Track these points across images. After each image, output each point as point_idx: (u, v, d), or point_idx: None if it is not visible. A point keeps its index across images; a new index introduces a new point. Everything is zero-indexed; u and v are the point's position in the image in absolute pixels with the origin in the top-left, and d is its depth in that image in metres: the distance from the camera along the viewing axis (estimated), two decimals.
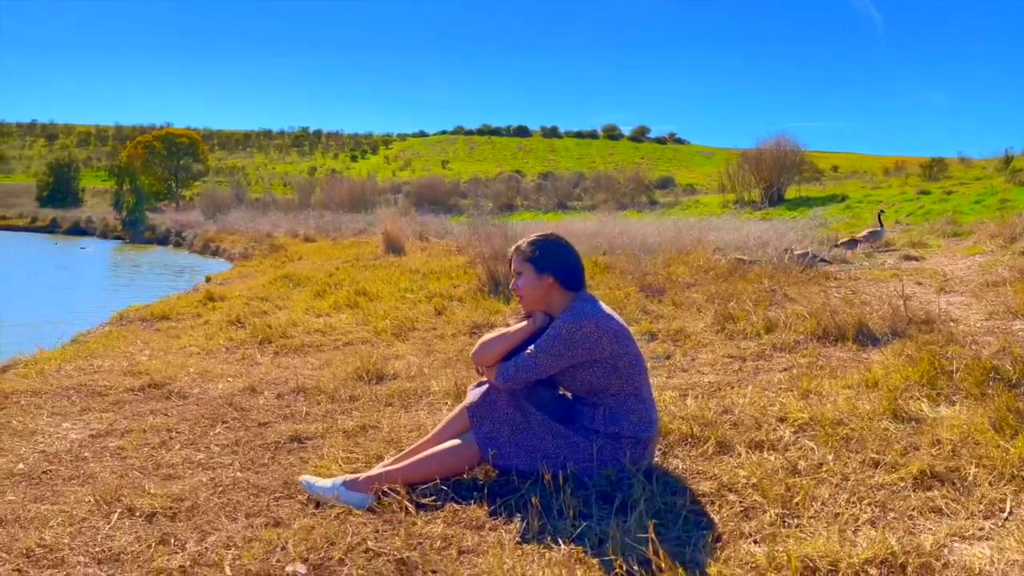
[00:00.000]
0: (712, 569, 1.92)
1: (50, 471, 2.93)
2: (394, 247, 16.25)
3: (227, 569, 2.02)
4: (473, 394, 2.73)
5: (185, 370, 4.72)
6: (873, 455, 2.77)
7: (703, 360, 4.85)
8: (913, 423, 3.13)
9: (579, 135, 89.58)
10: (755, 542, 2.12)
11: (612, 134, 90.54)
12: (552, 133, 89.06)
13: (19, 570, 2.02)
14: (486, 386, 2.71)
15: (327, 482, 2.54)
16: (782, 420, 3.20)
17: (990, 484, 2.50)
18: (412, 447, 2.71)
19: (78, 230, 39.63)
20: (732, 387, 4.05)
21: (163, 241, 33.31)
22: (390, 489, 2.45)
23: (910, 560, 1.96)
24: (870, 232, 13.35)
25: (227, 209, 37.10)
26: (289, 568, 2.02)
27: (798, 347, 5.00)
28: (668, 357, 5.00)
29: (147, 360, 5.11)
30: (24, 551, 2.13)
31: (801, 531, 2.15)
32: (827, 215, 21.84)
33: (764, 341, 5.19)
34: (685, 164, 76.53)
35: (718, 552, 2.02)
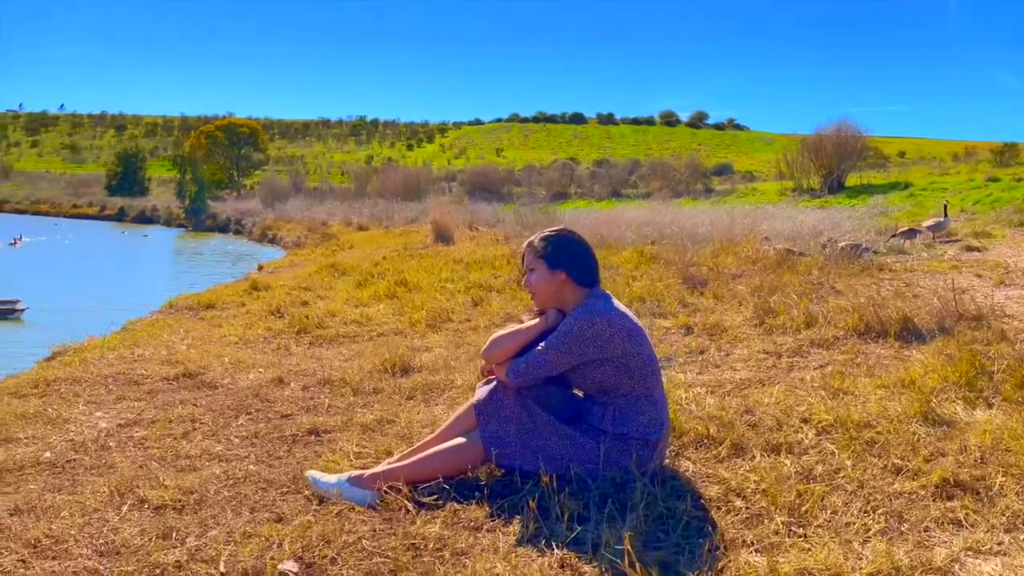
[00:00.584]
0: None
1: (74, 460, 3.01)
2: (443, 236, 16.33)
3: (221, 566, 2.04)
4: (480, 392, 2.70)
5: (220, 360, 4.81)
6: (896, 461, 2.66)
7: (737, 356, 4.73)
8: (944, 427, 3.00)
9: (635, 122, 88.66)
10: (756, 551, 2.05)
11: (669, 120, 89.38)
12: (608, 120, 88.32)
13: (23, 560, 2.07)
14: (494, 384, 2.68)
15: (332, 478, 2.55)
16: (805, 421, 3.10)
17: (1016, 495, 2.37)
18: (419, 444, 2.70)
19: (144, 218, 40.88)
20: (762, 384, 3.95)
21: (223, 229, 34.13)
22: (392, 487, 2.44)
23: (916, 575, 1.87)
24: (933, 222, 12.88)
25: (285, 198, 37.82)
26: (281, 566, 2.03)
27: (837, 343, 4.85)
28: (702, 352, 4.90)
29: (185, 349, 5.22)
30: (32, 541, 2.19)
31: (806, 541, 2.08)
32: (888, 203, 21.21)
33: (803, 337, 5.04)
34: (744, 151, 75.15)
35: (713, 561, 1.96)
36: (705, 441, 2.86)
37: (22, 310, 10.67)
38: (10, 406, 3.89)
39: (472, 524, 2.27)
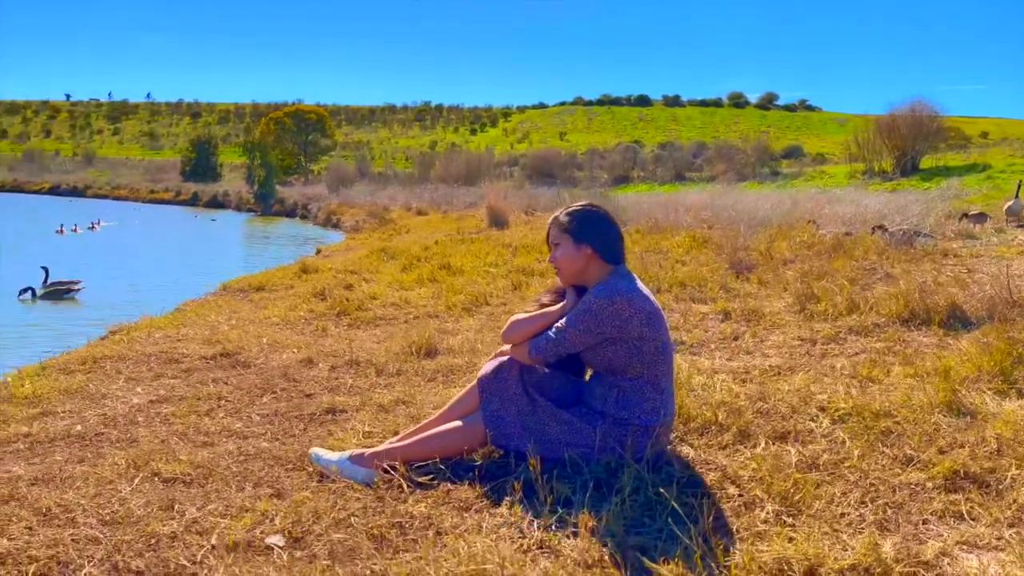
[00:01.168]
0: (670, 568, 1.84)
1: (102, 434, 3.14)
2: (497, 221, 16.37)
3: (213, 538, 2.11)
4: (487, 366, 2.72)
5: (258, 340, 4.94)
6: (909, 451, 2.57)
7: (771, 342, 4.64)
8: (968, 418, 2.89)
9: (703, 104, 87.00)
10: (740, 539, 2.02)
11: (737, 102, 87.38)
12: (674, 102, 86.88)
13: (30, 528, 2.18)
14: (500, 361, 2.70)
15: (334, 456, 2.60)
16: (822, 410, 3.02)
17: None
18: (422, 424, 2.73)
19: (216, 203, 42.07)
20: (791, 372, 3.86)
21: (291, 214, 34.87)
22: (390, 467, 2.48)
23: (897, 569, 1.82)
24: (1006, 205, 12.33)
25: (350, 183, 38.46)
26: (268, 540, 2.09)
27: (877, 331, 4.71)
28: (735, 338, 4.81)
29: (227, 330, 5.37)
30: (43, 509, 2.30)
31: (794, 531, 2.03)
32: (964, 186, 20.35)
33: (841, 324, 4.91)
34: (816, 132, 73.02)
35: (694, 548, 1.94)
36: (712, 428, 2.82)
37: (78, 290, 10.94)
38: (56, 381, 4.08)
39: (461, 504, 2.30)
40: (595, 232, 2.64)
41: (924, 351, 4.19)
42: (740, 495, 2.28)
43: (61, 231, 20.25)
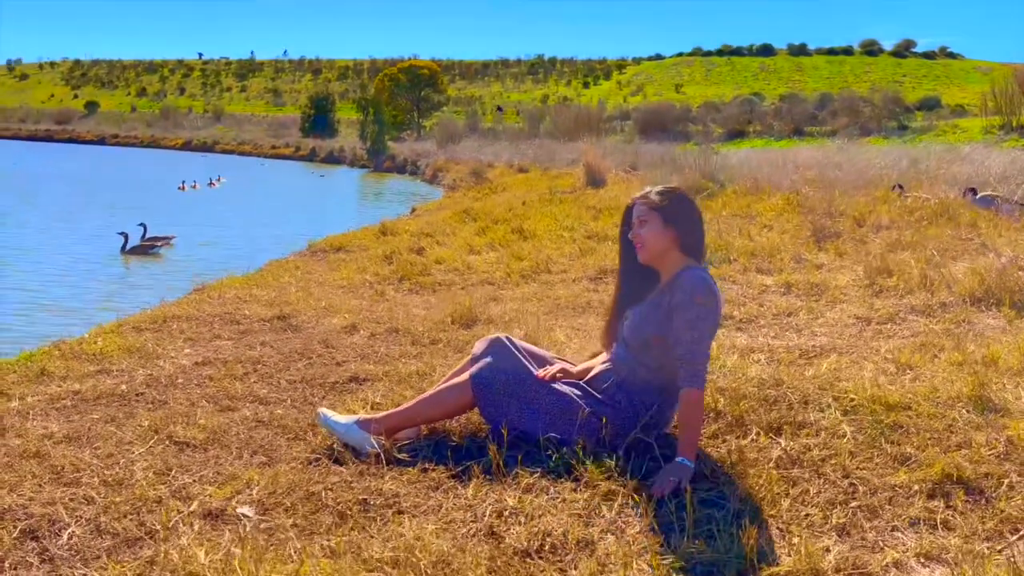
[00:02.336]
0: (586, 565, 1.84)
1: (141, 395, 3.38)
2: (594, 179, 16.19)
3: (194, 505, 2.26)
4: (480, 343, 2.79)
5: (316, 304, 5.14)
6: (910, 449, 2.45)
7: (825, 320, 4.45)
8: (991, 414, 2.71)
9: (831, 52, 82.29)
10: (689, 536, 1.99)
11: (870, 50, 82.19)
12: (800, 51, 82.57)
13: (39, 485, 2.39)
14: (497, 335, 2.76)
15: (342, 418, 2.72)
16: (837, 399, 2.90)
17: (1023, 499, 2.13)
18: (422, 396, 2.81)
19: (332, 158, 43.47)
20: (830, 354, 3.71)
21: (401, 170, 35.60)
22: (376, 441, 2.57)
23: None
24: None
25: (459, 139, 38.80)
26: (239, 509, 2.22)
27: (943, 310, 4.43)
28: (790, 314, 4.64)
29: (293, 292, 5.61)
30: (57, 468, 2.51)
31: (743, 531, 1.98)
32: None
33: (907, 301, 4.65)
34: (956, 82, 67.99)
35: (632, 543, 1.92)
36: (709, 415, 2.75)
37: (160, 246, 11.51)
38: (124, 339, 4.39)
39: (431, 483, 2.36)
40: (684, 218, 2.60)
41: (985, 335, 3.92)
42: (707, 490, 2.23)
43: (183, 187, 21.43)
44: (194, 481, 2.42)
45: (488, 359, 2.68)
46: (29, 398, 3.33)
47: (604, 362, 2.74)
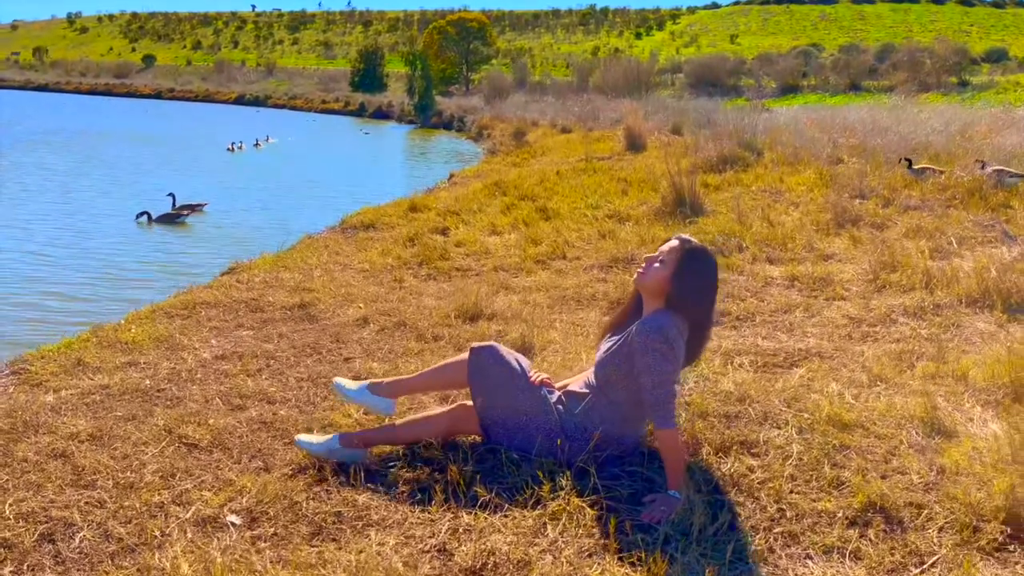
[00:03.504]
0: None
1: (162, 390, 3.70)
2: (634, 144, 16.16)
3: (190, 512, 2.56)
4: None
5: (336, 291, 5.41)
6: (846, 474, 2.62)
7: (819, 319, 4.58)
8: (938, 438, 2.85)
9: None
10: (612, 561, 2.21)
11: None
12: None
13: (61, 487, 2.71)
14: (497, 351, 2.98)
15: (354, 385, 3.04)
16: (800, 413, 3.06)
17: (938, 530, 2.30)
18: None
19: (380, 113, 43.76)
20: (818, 358, 3.87)
21: (447, 126, 35.71)
22: (361, 450, 2.84)
23: None
24: None
25: (507, 94, 38.63)
26: (229, 518, 2.51)
27: (936, 312, 4.51)
28: (786, 312, 4.76)
29: (317, 276, 5.90)
30: (78, 469, 2.84)
31: (662, 556, 2.19)
32: None
33: (903, 301, 4.73)
34: None
35: (561, 566, 2.16)
36: None
37: (187, 214, 11.68)
38: (154, 327, 4.73)
39: (398, 496, 2.62)
40: (690, 284, 2.72)
41: (970, 343, 4.02)
42: (633, 510, 2.45)
43: (232, 149, 21.88)
44: (194, 487, 2.72)
45: (490, 343, 2.96)
46: (63, 392, 3.68)
47: (582, 380, 2.94)
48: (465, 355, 2.97)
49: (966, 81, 32.52)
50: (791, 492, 2.53)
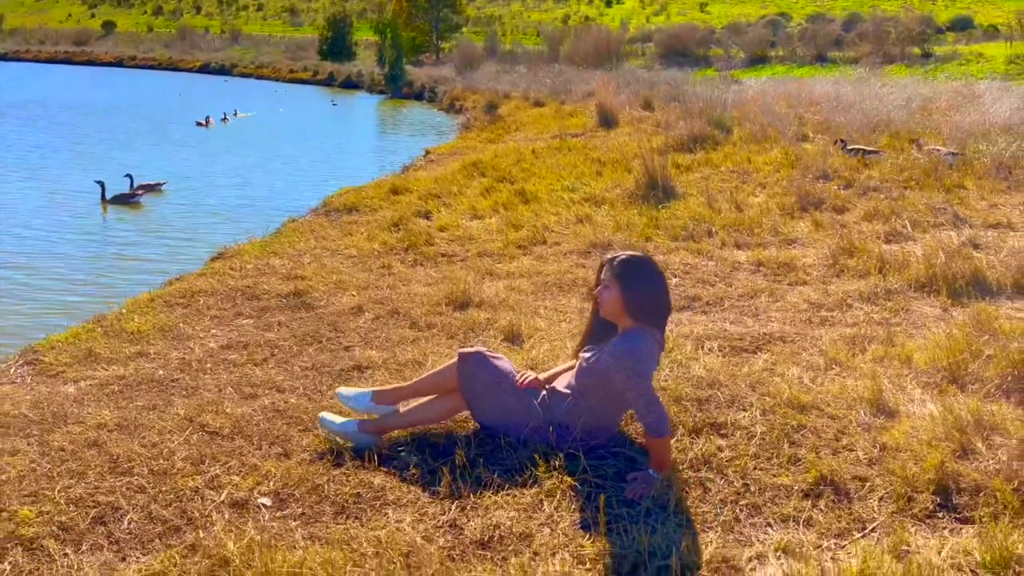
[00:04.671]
0: (524, 554, 2.42)
1: (176, 380, 3.97)
2: (606, 120, 16.40)
3: (223, 495, 2.86)
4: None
5: (327, 279, 5.68)
6: (801, 452, 2.99)
7: (783, 304, 4.95)
8: (883, 417, 3.23)
9: None
10: (598, 533, 2.56)
11: None
12: None
13: (101, 474, 3.00)
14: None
15: (352, 393, 3.33)
16: (761, 397, 3.43)
17: (879, 500, 2.67)
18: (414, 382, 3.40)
19: (350, 83, 43.37)
20: (777, 342, 4.22)
21: (419, 96, 35.58)
22: (374, 435, 3.16)
23: (703, 571, 2.32)
24: None
25: (478, 63, 38.52)
26: (260, 500, 2.82)
27: (888, 297, 4.90)
28: (752, 297, 5.13)
29: (307, 263, 6.15)
30: (113, 457, 3.12)
31: (643, 527, 2.54)
32: None
33: (859, 286, 5.12)
34: (993, 0, 65.61)
35: (557, 537, 2.50)
36: None
37: (143, 194, 11.53)
38: (157, 317, 4.98)
39: (412, 479, 2.94)
40: (637, 290, 2.99)
41: (916, 327, 4.41)
42: (615, 486, 2.80)
43: (206, 123, 21.70)
44: (223, 472, 3.02)
45: (476, 349, 3.25)
46: (82, 383, 3.94)
47: (567, 374, 3.25)
48: (455, 360, 3.23)
49: (929, 53, 33.03)
50: (754, 469, 2.89)
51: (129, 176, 11.84)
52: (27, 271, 8.27)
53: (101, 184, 11.41)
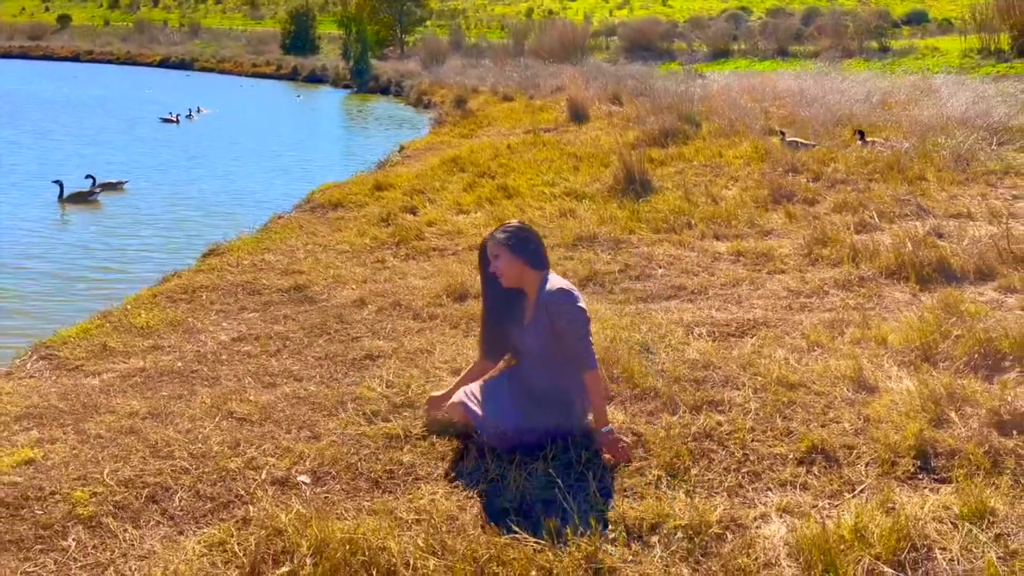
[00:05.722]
0: (551, 519, 2.66)
1: (196, 372, 4.15)
2: (577, 115, 16.67)
3: (263, 474, 3.06)
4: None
5: (325, 273, 5.86)
6: (794, 425, 3.27)
7: (763, 292, 5.24)
8: (864, 393, 3.53)
9: None
10: (624, 498, 2.81)
11: None
12: None
13: (144, 458, 3.18)
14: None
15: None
16: (755, 376, 3.71)
17: (864, 465, 2.97)
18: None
19: (315, 77, 43.17)
20: (761, 327, 4.51)
21: (385, 91, 35.55)
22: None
23: (714, 529, 2.59)
24: None
25: (443, 57, 38.60)
26: (299, 477, 3.03)
27: (861, 284, 5.22)
28: (734, 285, 5.41)
29: (303, 258, 6.32)
30: (152, 443, 3.30)
31: (663, 493, 2.80)
32: None
33: (834, 274, 5.43)
34: None
35: (580, 503, 2.75)
36: (648, 395, 3.56)
37: (100, 192, 11.30)
38: (164, 312, 5.13)
39: (439, 455, 3.17)
40: (524, 246, 3.28)
41: (888, 311, 4.73)
42: (645, 457, 3.06)
43: (174, 120, 21.51)
44: (259, 454, 3.22)
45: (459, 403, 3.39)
46: (105, 375, 4.10)
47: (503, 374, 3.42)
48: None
49: (887, 47, 33.87)
50: (752, 441, 3.17)
51: (91, 177, 11.48)
52: None
53: (60, 184, 11.12)
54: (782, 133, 10.79)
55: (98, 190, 11.50)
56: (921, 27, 46.59)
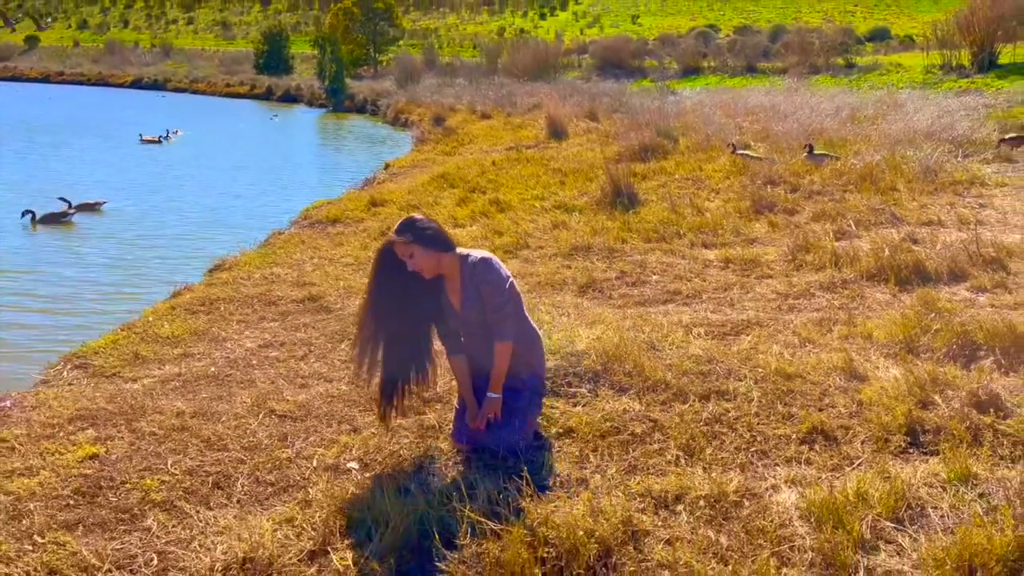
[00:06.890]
0: (584, 494, 2.96)
1: (229, 375, 4.40)
2: (556, 132, 17.06)
3: (314, 462, 3.33)
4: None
5: (336, 284, 6.13)
6: (795, 410, 3.61)
7: (754, 295, 5.59)
8: (856, 381, 3.88)
9: None
10: (648, 474, 3.12)
11: None
12: None
13: (200, 451, 3.43)
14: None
15: None
16: (755, 368, 4.04)
17: (861, 442, 3.31)
18: None
19: (289, 97, 43.26)
20: (755, 327, 4.85)
21: (361, 110, 35.76)
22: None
23: (731, 497, 2.90)
24: None
25: (418, 76, 38.91)
26: (349, 464, 3.30)
27: (844, 286, 5.60)
28: (726, 290, 5.77)
29: (311, 271, 6.58)
30: (205, 438, 3.55)
31: (682, 469, 3.11)
32: None
33: (818, 278, 5.81)
34: (907, 11, 69.18)
35: (608, 480, 3.06)
36: (660, 386, 3.88)
37: (74, 214, 10.91)
38: (186, 322, 5.37)
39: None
40: (428, 235, 3.38)
41: (872, 311, 5.10)
42: (663, 440, 3.37)
43: (158, 140, 21.48)
44: (306, 445, 3.49)
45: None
46: (144, 380, 4.34)
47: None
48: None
49: (852, 63, 34.79)
50: (758, 424, 3.49)
51: (66, 200, 10.96)
52: None
53: (32, 213, 10.68)
54: (733, 147, 11.51)
55: (73, 211, 11.06)
56: (884, 44, 47.89)
